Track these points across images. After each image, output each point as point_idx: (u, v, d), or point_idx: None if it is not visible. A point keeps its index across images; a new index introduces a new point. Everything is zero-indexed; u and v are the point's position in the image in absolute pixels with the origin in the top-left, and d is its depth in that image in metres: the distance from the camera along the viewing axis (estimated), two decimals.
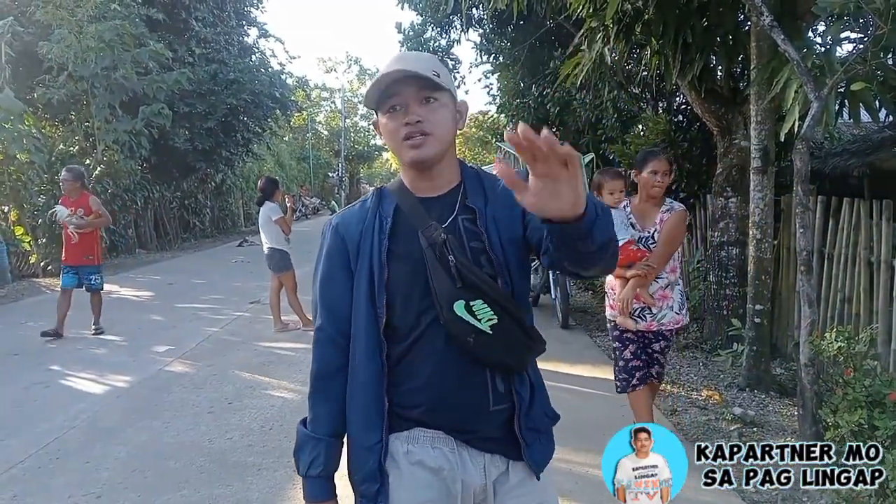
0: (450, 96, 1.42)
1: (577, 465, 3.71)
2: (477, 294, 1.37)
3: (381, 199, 1.51)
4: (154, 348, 6.53)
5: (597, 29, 5.51)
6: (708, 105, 5.96)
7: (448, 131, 1.42)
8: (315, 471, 1.46)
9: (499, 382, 1.43)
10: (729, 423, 4.36)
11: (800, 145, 3.71)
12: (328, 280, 1.50)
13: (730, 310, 5.80)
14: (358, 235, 1.47)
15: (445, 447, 1.44)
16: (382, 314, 1.42)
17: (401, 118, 1.38)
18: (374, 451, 1.42)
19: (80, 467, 3.84)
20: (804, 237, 3.73)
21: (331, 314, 1.49)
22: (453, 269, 1.37)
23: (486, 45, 12.84)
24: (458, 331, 1.38)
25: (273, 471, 3.75)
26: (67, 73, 12.52)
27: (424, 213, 1.44)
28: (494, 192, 1.47)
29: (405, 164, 1.45)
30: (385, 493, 1.42)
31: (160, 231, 17.71)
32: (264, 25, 22.00)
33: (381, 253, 1.43)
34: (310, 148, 40.18)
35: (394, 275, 1.42)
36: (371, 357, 1.43)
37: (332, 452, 1.49)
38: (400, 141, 1.39)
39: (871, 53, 3.51)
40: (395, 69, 1.35)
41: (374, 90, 1.39)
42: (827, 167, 6.92)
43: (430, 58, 1.45)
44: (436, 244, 1.39)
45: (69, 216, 6.90)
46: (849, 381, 3.15)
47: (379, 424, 1.43)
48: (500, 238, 1.43)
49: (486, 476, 1.45)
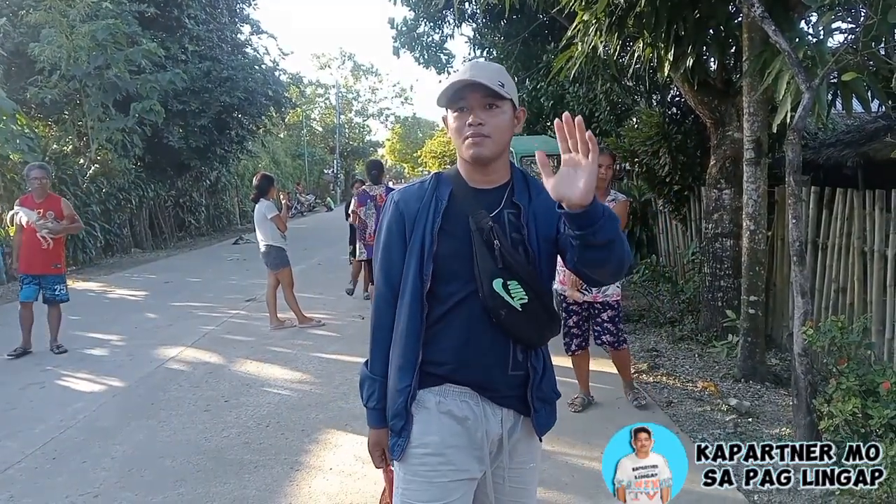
0: (510, 105, 1.64)
1: (572, 457, 3.72)
2: (514, 275, 1.60)
3: (439, 183, 1.73)
4: (150, 347, 6.52)
5: (589, 22, 5.49)
6: (701, 97, 5.96)
7: (504, 135, 1.64)
8: (373, 403, 1.74)
9: (518, 353, 1.67)
10: (724, 414, 4.38)
11: (792, 136, 3.72)
12: (387, 248, 1.72)
13: (724, 301, 5.81)
14: (415, 212, 1.68)
15: (471, 401, 1.67)
16: (428, 280, 1.63)
17: (465, 118, 1.60)
18: (403, 392, 1.66)
19: (76, 467, 3.84)
20: (797, 228, 3.73)
21: (388, 278, 1.71)
22: (497, 251, 1.59)
23: (480, 39, 12.80)
24: (494, 304, 1.60)
25: (270, 468, 3.75)
26: (60, 73, 12.46)
27: (476, 201, 1.66)
28: (538, 194, 1.68)
29: (464, 158, 1.67)
30: (408, 430, 1.67)
31: (155, 230, 17.66)
32: (257, 22, 21.92)
33: (433, 229, 1.64)
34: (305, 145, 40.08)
35: (442, 249, 1.64)
36: (413, 315, 1.65)
37: (385, 390, 1.73)
38: (462, 138, 1.61)
39: (861, 43, 3.51)
40: (466, 76, 1.58)
41: (446, 92, 1.61)
42: (821, 157, 6.92)
43: (499, 69, 1.68)
44: (483, 229, 1.61)
45: (39, 220, 6.14)
46: (842, 371, 3.16)
47: (410, 372, 1.66)
48: (538, 234, 1.65)
49: (502, 426, 1.68)
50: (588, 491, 3.32)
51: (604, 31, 5.39)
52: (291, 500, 3.39)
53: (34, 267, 6.24)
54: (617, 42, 5.57)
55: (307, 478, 3.66)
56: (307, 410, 4.65)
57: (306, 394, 4.96)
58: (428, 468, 1.65)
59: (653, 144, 7.61)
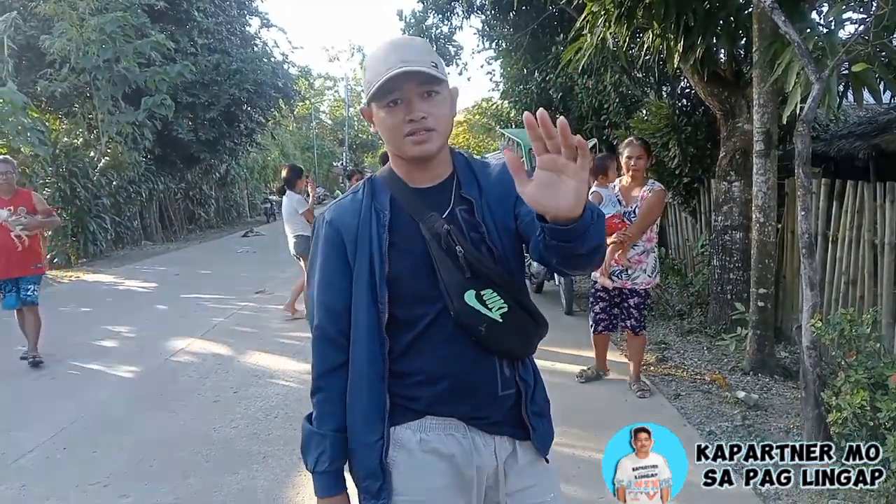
0: (446, 86, 1.39)
1: (579, 449, 3.73)
2: (486, 283, 1.38)
3: (374, 190, 1.48)
4: (160, 339, 6.56)
5: (598, 13, 5.46)
6: (711, 88, 5.92)
7: (449, 124, 1.41)
8: (322, 466, 1.45)
9: (506, 368, 1.44)
10: (732, 407, 4.37)
11: (801, 128, 3.68)
12: (326, 277, 1.47)
13: (734, 294, 5.79)
14: (355, 229, 1.44)
15: (457, 433, 1.44)
16: (384, 310, 1.40)
17: (402, 113, 1.34)
18: (376, 448, 1.42)
19: (87, 457, 3.88)
20: (806, 220, 3.71)
21: (330, 313, 1.46)
22: (461, 259, 1.36)
23: (488, 31, 12.75)
24: (470, 320, 1.38)
25: (278, 459, 3.78)
26: (70, 65, 12.52)
27: (422, 204, 1.42)
28: (487, 181, 1.47)
29: (403, 158, 1.42)
30: (387, 489, 1.42)
31: (165, 222, 17.77)
32: (266, 15, 21.95)
33: (381, 247, 1.40)
34: (314, 137, 40.13)
35: (395, 268, 1.40)
36: (372, 355, 1.42)
37: (339, 447, 1.46)
38: (402, 137, 1.36)
39: (872, 34, 3.48)
40: (394, 63, 1.31)
41: (372, 84, 1.34)
42: (832, 149, 6.87)
43: (424, 44, 1.42)
44: (439, 235, 1.38)
45: (11, 217, 5.51)
46: (851, 364, 3.14)
47: (379, 422, 1.42)
48: (497, 227, 1.42)
49: (496, 458, 1.46)
50: (594, 483, 3.32)
51: (613, 21, 5.36)
52: (299, 489, 3.41)
53: (12, 270, 5.56)
54: (626, 33, 5.54)
55: None
56: None
57: None
58: None
59: (662, 136, 7.56)
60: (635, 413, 4.24)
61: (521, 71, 11.77)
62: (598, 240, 1.18)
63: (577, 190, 1.07)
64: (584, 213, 1.11)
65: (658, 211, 4.57)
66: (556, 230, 1.13)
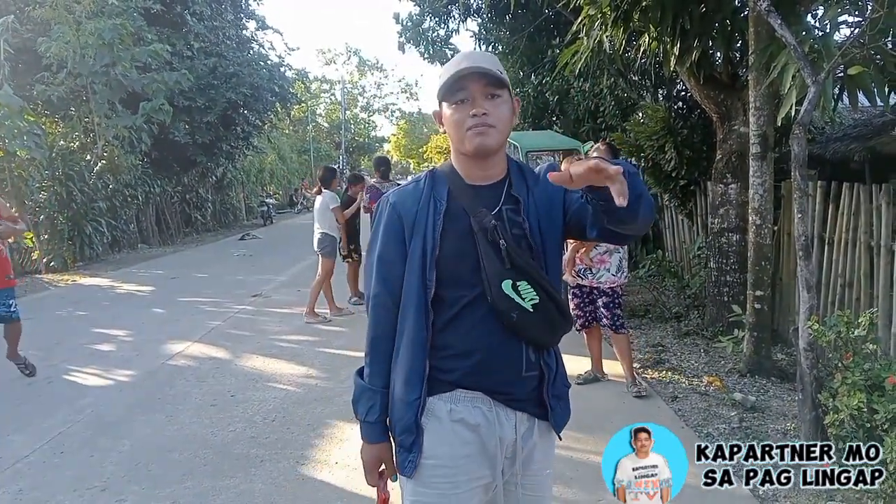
0: (509, 94, 1.57)
1: (577, 452, 3.73)
2: (523, 275, 1.55)
3: (435, 181, 1.65)
4: (157, 342, 6.55)
5: (594, 16, 5.47)
6: (707, 91, 5.93)
7: (507, 125, 1.57)
8: (373, 416, 1.64)
9: (531, 353, 1.60)
10: (729, 409, 4.37)
11: (797, 130, 3.70)
12: (385, 252, 1.63)
13: (730, 296, 5.79)
14: (413, 214, 1.61)
15: (484, 406, 1.59)
16: (432, 286, 1.57)
17: (467, 110, 1.52)
18: (413, 406, 1.58)
19: (84, 461, 3.87)
20: (802, 222, 3.72)
21: (386, 283, 1.63)
22: (504, 252, 1.53)
23: (485, 34, 12.75)
24: (504, 307, 1.54)
25: (276, 462, 3.77)
26: (67, 70, 12.51)
27: (476, 199, 1.59)
28: (536, 184, 1.64)
29: (464, 153, 1.58)
30: (419, 444, 1.59)
31: (162, 226, 17.73)
32: (262, 18, 21.96)
33: (435, 231, 1.57)
34: (310, 140, 40.12)
35: (445, 252, 1.57)
36: (418, 323, 1.58)
37: (386, 401, 1.64)
38: (465, 130, 1.53)
39: (868, 37, 3.49)
40: (467, 64, 1.51)
41: (446, 82, 1.53)
42: (828, 152, 6.89)
43: (493, 57, 1.60)
44: (487, 229, 1.55)
45: None
46: (848, 366, 3.15)
47: (419, 384, 1.58)
48: (540, 226, 1.60)
49: (516, 432, 1.61)
50: (593, 486, 3.32)
51: (609, 25, 5.38)
52: (297, 494, 3.41)
53: None
54: (622, 36, 5.55)
55: (313, 472, 3.67)
56: (313, 405, 4.67)
57: (312, 389, 4.97)
58: (441, 480, 1.59)
59: (658, 139, 7.58)
60: (633, 415, 4.24)
61: (517, 74, 11.79)
62: (636, 190, 1.31)
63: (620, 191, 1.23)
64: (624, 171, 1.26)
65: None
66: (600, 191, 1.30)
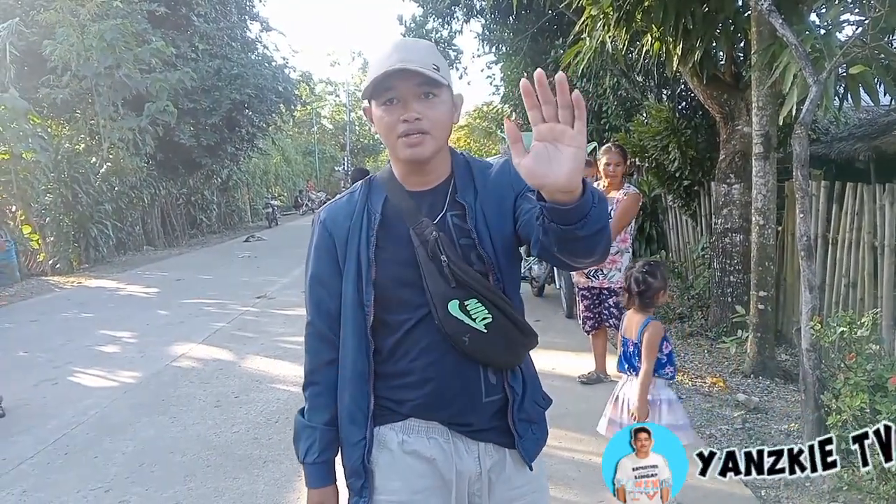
0: (448, 91, 1.38)
1: (579, 453, 3.72)
2: (470, 293, 1.36)
3: (370, 191, 1.48)
4: (161, 344, 6.57)
5: (597, 17, 5.48)
6: (710, 91, 5.92)
7: (445, 129, 1.38)
8: (311, 457, 1.48)
9: (490, 376, 1.43)
10: (733, 410, 4.36)
11: (799, 130, 3.68)
12: (317, 276, 1.49)
13: (734, 297, 5.78)
14: (346, 231, 1.44)
15: (440, 437, 1.44)
16: (370, 312, 1.41)
17: (398, 112, 1.32)
18: (358, 447, 1.44)
19: (88, 462, 3.89)
20: (804, 222, 3.71)
21: (319, 310, 1.48)
22: (446, 268, 1.35)
23: (489, 35, 12.79)
24: (453, 330, 1.37)
25: (279, 463, 3.78)
26: (71, 72, 12.57)
27: (415, 208, 1.41)
28: (485, 183, 1.44)
29: (398, 159, 1.41)
30: (368, 488, 1.44)
31: (167, 228, 17.78)
32: (266, 20, 22.00)
33: (368, 250, 1.40)
34: (315, 142, 40.20)
35: (382, 272, 1.40)
36: (358, 355, 1.43)
37: (328, 439, 1.49)
38: (396, 137, 1.34)
39: (870, 36, 3.48)
40: (394, 62, 1.29)
41: (371, 80, 1.33)
42: (833, 152, 6.87)
43: (428, 47, 1.40)
44: (427, 242, 1.36)
45: None
46: (851, 366, 3.14)
47: (363, 421, 1.44)
48: (490, 233, 1.40)
49: (480, 464, 1.45)
50: (595, 486, 3.32)
51: (612, 25, 5.37)
52: (300, 495, 3.41)
53: None
54: (625, 36, 5.55)
55: None
56: None
57: None
58: None
59: (662, 139, 7.57)
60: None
61: (520, 74, 11.79)
62: (599, 223, 1.13)
63: (575, 156, 1.03)
64: (584, 194, 1.08)
65: (632, 213, 4.72)
66: (556, 210, 1.09)
